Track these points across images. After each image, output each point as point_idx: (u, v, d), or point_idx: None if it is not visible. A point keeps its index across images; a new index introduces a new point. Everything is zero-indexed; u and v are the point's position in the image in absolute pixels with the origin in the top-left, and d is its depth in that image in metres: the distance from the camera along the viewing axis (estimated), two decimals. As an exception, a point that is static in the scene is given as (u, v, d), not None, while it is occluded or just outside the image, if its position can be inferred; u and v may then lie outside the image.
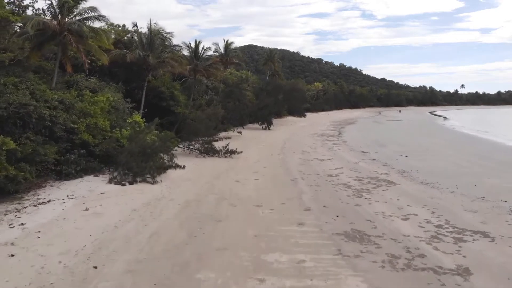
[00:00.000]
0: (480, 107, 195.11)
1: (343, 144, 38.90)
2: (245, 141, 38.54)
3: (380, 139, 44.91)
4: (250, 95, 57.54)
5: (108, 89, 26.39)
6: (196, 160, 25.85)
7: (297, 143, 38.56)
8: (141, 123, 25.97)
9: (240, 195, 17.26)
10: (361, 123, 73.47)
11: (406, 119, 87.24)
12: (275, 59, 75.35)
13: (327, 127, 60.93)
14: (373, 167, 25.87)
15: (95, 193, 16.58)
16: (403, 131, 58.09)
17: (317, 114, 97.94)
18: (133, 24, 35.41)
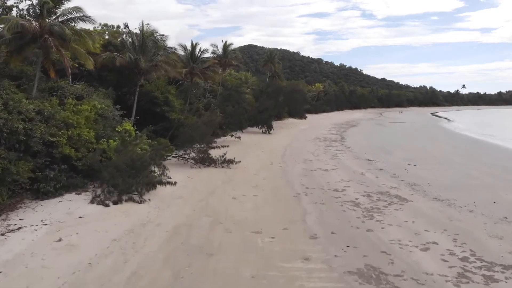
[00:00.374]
0: (482, 108, 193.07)
1: (346, 150, 36.98)
2: (244, 148, 36.64)
3: (384, 144, 43.00)
4: (250, 97, 55.63)
5: (96, 95, 24.49)
6: (190, 172, 23.94)
7: (299, 149, 36.66)
8: (131, 132, 24.08)
9: (237, 217, 15.36)
10: (363, 125, 71.53)
11: (409, 121, 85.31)
12: (275, 60, 73.37)
13: (328, 130, 59.00)
14: (381, 179, 23.96)
15: (74, 216, 14.69)
16: (407, 135, 56.17)
17: (318, 116, 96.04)
18: (124, 25, 33.50)
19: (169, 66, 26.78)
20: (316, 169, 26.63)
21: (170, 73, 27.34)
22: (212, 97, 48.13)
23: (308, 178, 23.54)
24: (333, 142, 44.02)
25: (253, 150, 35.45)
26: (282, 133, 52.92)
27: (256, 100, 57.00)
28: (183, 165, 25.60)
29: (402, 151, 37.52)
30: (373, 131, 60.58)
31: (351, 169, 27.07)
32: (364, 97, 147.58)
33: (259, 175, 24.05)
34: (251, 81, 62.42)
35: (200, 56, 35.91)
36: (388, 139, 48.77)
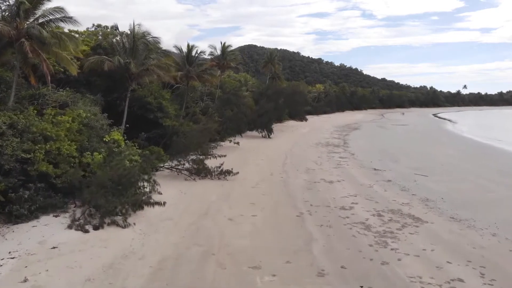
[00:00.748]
0: (483, 108, 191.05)
1: (351, 157, 35.08)
2: (242, 154, 34.79)
3: (389, 149, 41.13)
4: (249, 100, 53.74)
5: (82, 102, 22.62)
6: (184, 185, 22.04)
7: (300, 156, 34.78)
8: (120, 142, 22.23)
9: (233, 246, 13.47)
10: (366, 128, 69.62)
11: (411, 123, 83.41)
12: (275, 61, 71.30)
13: (330, 134, 57.11)
14: (391, 193, 22.09)
15: (47, 246, 12.82)
16: (411, 139, 54.23)
17: (319, 118, 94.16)
18: (114, 27, 31.57)
19: (162, 70, 24.85)
20: (319, 180, 24.75)
21: (163, 77, 25.42)
22: (210, 100, 46.29)
23: (311, 192, 21.65)
24: (336, 147, 42.13)
25: (253, 157, 33.59)
26: (283, 137, 51.06)
27: (255, 103, 55.14)
28: (176, 177, 23.72)
29: (408, 158, 35.64)
30: (376, 135, 58.66)
31: (357, 180, 25.18)
32: (365, 98, 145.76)
33: (258, 189, 22.18)
34: (251, 83, 60.55)
35: (196, 59, 33.97)
36: (393, 144, 46.87)
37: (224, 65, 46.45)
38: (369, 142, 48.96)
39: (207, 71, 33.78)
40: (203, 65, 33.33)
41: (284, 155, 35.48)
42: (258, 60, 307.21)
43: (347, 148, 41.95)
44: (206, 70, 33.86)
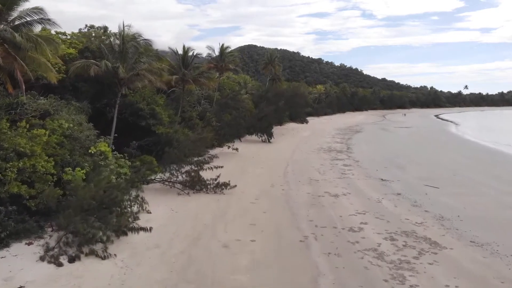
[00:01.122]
0: (484, 109, 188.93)
1: (355, 165, 33.23)
2: (241, 162, 32.98)
3: (394, 155, 39.32)
4: (249, 103, 51.90)
5: (66, 111, 20.80)
6: (176, 201, 20.18)
7: (302, 164, 32.95)
8: (108, 153, 20.42)
9: (227, 284, 11.63)
10: (368, 131, 67.69)
11: (414, 125, 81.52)
12: (275, 63, 69.36)
13: (332, 138, 55.26)
14: (402, 209, 20.25)
15: (13, 286, 10.99)
16: (416, 143, 52.31)
17: (320, 120, 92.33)
18: (103, 28, 29.76)
19: (154, 75, 22.98)
20: (324, 194, 22.90)
21: (155, 83, 23.57)
22: (208, 104, 44.46)
23: (316, 209, 19.81)
24: (339, 153, 40.26)
25: (252, 165, 31.78)
26: (283, 141, 49.23)
27: (255, 106, 53.33)
28: (168, 191, 21.88)
29: (415, 165, 33.80)
30: (379, 139, 56.77)
31: (364, 194, 23.33)
32: (366, 98, 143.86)
33: (258, 204, 20.36)
34: (250, 85, 58.71)
35: (192, 61, 32.07)
36: (398, 149, 45.00)
37: (222, 67, 44.59)
38: (373, 147, 47.10)
39: (203, 75, 31.89)
40: (200, 68, 31.38)
41: (285, 162, 33.66)
42: (258, 60, 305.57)
43: (350, 154, 40.08)
44: (203, 73, 31.96)
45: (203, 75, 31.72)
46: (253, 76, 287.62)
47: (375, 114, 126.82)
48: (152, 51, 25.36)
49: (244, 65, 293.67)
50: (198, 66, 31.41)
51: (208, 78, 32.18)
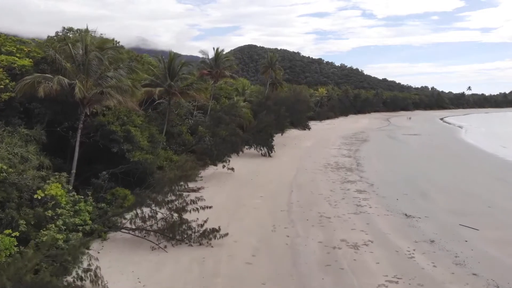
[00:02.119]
0: (488, 111, 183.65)
1: (370, 191, 28.14)
2: (237, 187, 28.07)
3: (412, 175, 34.40)
4: (247, 112, 46.94)
5: (8, 141, 15.84)
6: (147, 263, 15.14)
7: (309, 190, 27.99)
8: (60, 199, 15.49)
9: None
10: (375, 139, 62.51)
11: (422, 132, 76.40)
12: (276, 66, 64.17)
13: (338, 149, 50.24)
14: (443, 270, 15.24)
15: None
16: (431, 156, 47.16)
17: (322, 125, 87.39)
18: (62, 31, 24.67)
19: (124, 93, 17.94)
20: (340, 243, 17.86)
21: (125, 103, 18.53)
22: (202, 114, 39.48)
23: (333, 274, 14.78)
24: (349, 172, 35.24)
25: (249, 192, 26.84)
26: (285, 154, 44.24)
27: (254, 115, 48.37)
28: (141, 243, 16.87)
29: (440, 191, 28.78)
30: (389, 150, 51.68)
31: (390, 242, 18.27)
32: (368, 101, 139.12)
33: (255, 266, 15.36)
34: (249, 91, 53.68)
35: (180, 70, 26.99)
36: (413, 165, 39.98)
37: (217, 74, 39.53)
38: (385, 162, 42.06)
39: (193, 86, 26.82)
40: (188, 79, 26.26)
41: (288, 187, 28.71)
42: (258, 60, 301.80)
43: (362, 173, 35.01)
44: (192, 84, 26.88)
45: (192, 86, 26.64)
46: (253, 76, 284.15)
47: (378, 117, 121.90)
48: (125, 62, 20.35)
49: (244, 66, 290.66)
50: (187, 77, 26.27)
51: (198, 90, 27.13)
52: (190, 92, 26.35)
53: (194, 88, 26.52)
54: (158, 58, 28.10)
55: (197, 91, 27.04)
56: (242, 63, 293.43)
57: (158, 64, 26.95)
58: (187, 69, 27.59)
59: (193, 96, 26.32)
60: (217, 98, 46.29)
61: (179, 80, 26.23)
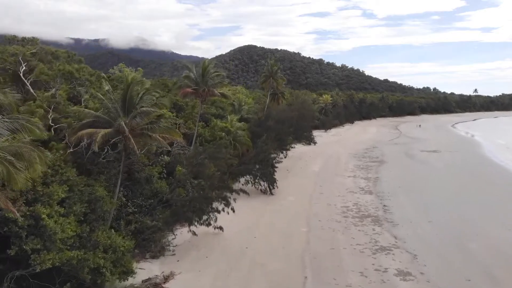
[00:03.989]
0: (497, 114, 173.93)
1: (421, 279, 19.14)
2: (224, 270, 19.08)
3: (458, 228, 25.63)
4: (244, 136, 37.91)
5: None
6: None
7: (330, 272, 19.01)
8: None
9: None
10: (393, 160, 53.05)
11: (440, 146, 67.12)
12: (277, 76, 54.72)
13: (354, 178, 41.14)
14: None
15: None
16: (464, 187, 38.15)
17: (328, 136, 78.23)
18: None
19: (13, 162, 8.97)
20: None
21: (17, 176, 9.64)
22: (185, 145, 30.37)
23: None
24: (377, 226, 26.24)
25: (244, 280, 17.86)
26: (290, 188, 35.20)
27: (253, 137, 39.35)
28: None
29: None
30: (413, 178, 42.36)
31: None
32: (374, 105, 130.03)
33: None
34: (247, 107, 44.51)
35: (141, 100, 17.75)
36: (451, 207, 30.94)
37: (204, 93, 30.36)
38: (414, 201, 33.05)
39: (158, 124, 17.58)
40: (151, 114, 17.14)
41: (299, 266, 19.71)
42: (258, 61, 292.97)
43: (393, 227, 25.97)
44: (158, 122, 17.64)
45: (157, 125, 17.41)
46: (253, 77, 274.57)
47: (386, 124, 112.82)
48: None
49: (243, 66, 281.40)
50: (149, 111, 17.12)
51: (167, 130, 17.97)
52: (153, 133, 17.24)
53: (160, 127, 17.48)
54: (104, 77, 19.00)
55: (167, 131, 18.01)
56: (242, 64, 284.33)
57: (106, 93, 17.73)
58: (151, 98, 18.35)
59: (157, 139, 17.29)
60: (206, 119, 37.25)
61: (137, 116, 17.21)
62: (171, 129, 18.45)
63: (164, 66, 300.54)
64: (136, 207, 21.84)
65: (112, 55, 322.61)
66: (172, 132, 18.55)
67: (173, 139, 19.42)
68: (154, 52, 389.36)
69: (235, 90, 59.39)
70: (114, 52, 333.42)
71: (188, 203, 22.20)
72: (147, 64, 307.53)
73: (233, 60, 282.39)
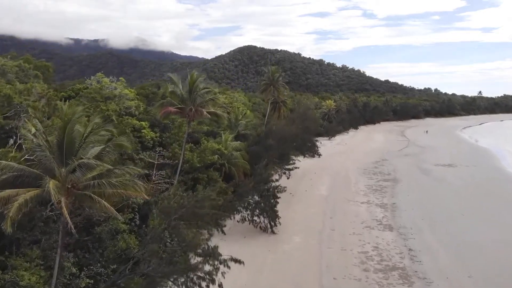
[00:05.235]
0: (503, 117, 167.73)
1: None
2: None
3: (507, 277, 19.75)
4: (241, 158, 32.04)
5: None
6: None
7: None
8: None
9: None
10: (407, 178, 47.02)
11: (454, 159, 61.17)
12: (278, 84, 48.50)
13: (368, 204, 35.25)
14: None
15: None
16: (498, 216, 32.32)
17: (332, 145, 72.35)
18: None
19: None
20: None
21: None
22: (166, 177, 24.60)
23: None
24: (405, 280, 20.47)
25: None
26: (295, 223, 29.38)
27: (250, 160, 33.49)
28: None
29: None
30: (433, 202, 36.28)
31: None
32: (378, 109, 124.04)
33: None
34: (244, 122, 38.52)
35: (82, 145, 11.85)
36: (491, 249, 25.11)
37: (192, 114, 24.32)
38: (442, 237, 27.25)
39: (109, 179, 11.67)
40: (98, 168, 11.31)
41: None
42: (258, 62, 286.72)
43: (428, 286, 20.15)
44: (109, 173, 11.76)
45: (108, 179, 11.50)
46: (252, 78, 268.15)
47: (391, 129, 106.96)
48: None
49: (243, 67, 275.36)
50: (92, 165, 11.27)
51: (124, 185, 12.02)
52: (94, 194, 11.29)
53: (111, 183, 11.60)
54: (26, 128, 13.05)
55: (123, 187, 12.11)
56: (242, 65, 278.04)
57: (35, 136, 11.79)
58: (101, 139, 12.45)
59: (103, 206, 11.36)
60: (196, 139, 31.35)
61: (77, 169, 11.31)
62: (128, 185, 12.48)
63: (164, 66, 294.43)
64: (92, 278, 15.98)
65: (111, 55, 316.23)
66: (129, 188, 12.58)
67: (132, 195, 13.49)
68: (154, 53, 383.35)
69: (232, 98, 53.35)
70: (113, 53, 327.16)
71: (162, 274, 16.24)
72: (147, 65, 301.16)
73: (233, 60, 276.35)
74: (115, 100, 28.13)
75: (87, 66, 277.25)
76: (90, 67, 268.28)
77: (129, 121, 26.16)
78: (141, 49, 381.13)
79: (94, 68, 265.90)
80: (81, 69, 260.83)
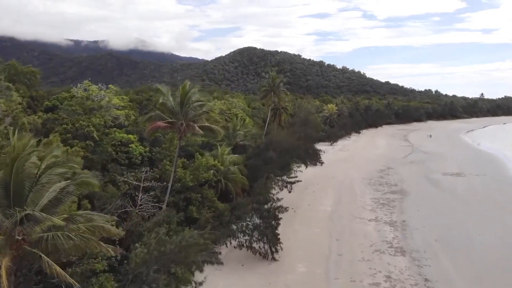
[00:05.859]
0: (505, 120, 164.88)
1: None
2: None
3: None
4: (238, 173, 29.35)
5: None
6: None
7: None
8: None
9: None
10: (415, 190, 44.19)
11: (462, 167, 58.47)
12: (279, 90, 45.82)
13: (376, 222, 32.51)
14: None
15: None
16: None
17: (335, 151, 69.61)
18: None
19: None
20: None
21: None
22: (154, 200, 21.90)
23: None
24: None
25: None
26: (298, 247, 26.71)
27: (249, 174, 30.82)
28: None
29: None
30: (448, 221, 33.55)
31: None
32: (380, 112, 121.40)
33: None
34: (243, 133, 35.85)
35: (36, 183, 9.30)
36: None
37: (183, 128, 21.61)
38: (462, 267, 24.50)
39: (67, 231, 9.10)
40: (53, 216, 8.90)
41: None
42: (258, 63, 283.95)
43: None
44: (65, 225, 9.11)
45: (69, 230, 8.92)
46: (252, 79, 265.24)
47: (394, 133, 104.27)
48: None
49: (243, 68, 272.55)
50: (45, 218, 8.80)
51: (86, 239, 9.40)
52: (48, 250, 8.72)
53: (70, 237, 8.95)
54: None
55: (86, 240, 9.45)
56: (242, 66, 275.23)
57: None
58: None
59: (55, 272, 8.80)
60: (190, 153, 28.64)
61: (25, 220, 8.63)
62: (95, 231, 9.79)
63: (164, 67, 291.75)
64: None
65: (111, 56, 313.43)
66: (94, 239, 9.86)
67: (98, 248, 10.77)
68: (154, 54, 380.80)
69: (231, 104, 50.61)
70: (113, 54, 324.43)
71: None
72: (147, 66, 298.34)
73: (233, 62, 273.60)
74: (100, 112, 25.38)
75: (86, 67, 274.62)
76: (89, 68, 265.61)
77: (114, 136, 23.41)
78: (141, 50, 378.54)
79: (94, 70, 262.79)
80: (80, 70, 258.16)
